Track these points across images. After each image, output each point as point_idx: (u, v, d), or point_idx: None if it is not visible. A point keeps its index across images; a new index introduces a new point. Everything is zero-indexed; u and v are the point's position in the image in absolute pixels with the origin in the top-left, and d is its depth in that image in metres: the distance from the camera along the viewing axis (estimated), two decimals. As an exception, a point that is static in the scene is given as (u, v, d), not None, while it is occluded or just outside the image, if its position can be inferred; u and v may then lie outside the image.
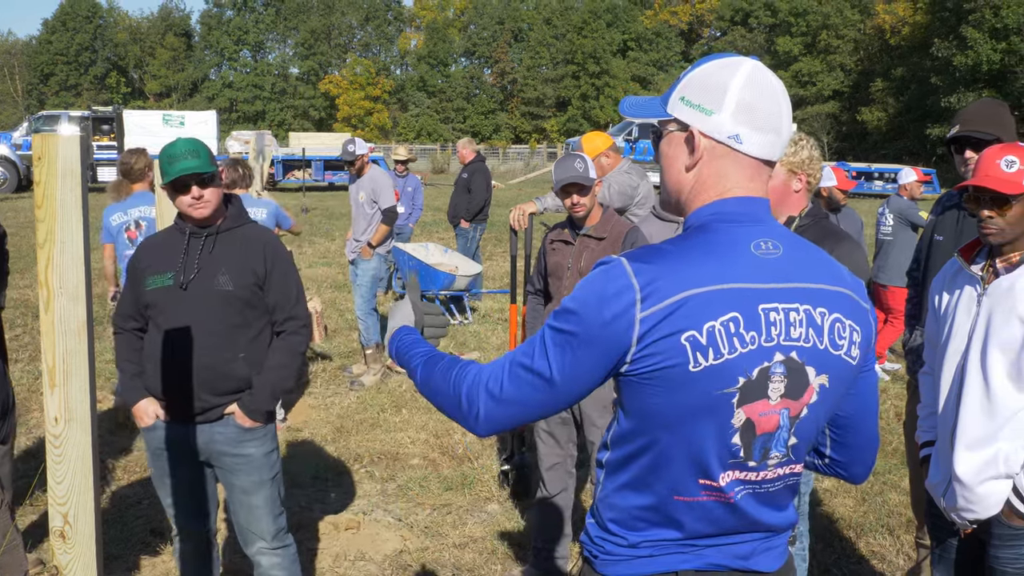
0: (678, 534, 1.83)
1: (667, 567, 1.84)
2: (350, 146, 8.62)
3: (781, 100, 1.84)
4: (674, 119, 1.90)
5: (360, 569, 4.91)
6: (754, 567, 1.88)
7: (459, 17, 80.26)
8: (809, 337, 1.80)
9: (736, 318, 1.72)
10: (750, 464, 1.81)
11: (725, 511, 1.82)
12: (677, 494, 1.80)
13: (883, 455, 6.80)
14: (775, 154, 1.86)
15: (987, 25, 46.89)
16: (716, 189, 1.85)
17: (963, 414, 3.05)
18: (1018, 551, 3.01)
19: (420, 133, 71.25)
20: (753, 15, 70.41)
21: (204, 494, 3.88)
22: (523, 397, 1.81)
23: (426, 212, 18.06)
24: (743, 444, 1.78)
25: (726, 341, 1.71)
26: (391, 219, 8.61)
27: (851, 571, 4.99)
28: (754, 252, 1.78)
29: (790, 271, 1.80)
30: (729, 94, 1.81)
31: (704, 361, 1.70)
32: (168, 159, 3.56)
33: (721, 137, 1.83)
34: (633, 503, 1.83)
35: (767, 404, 1.78)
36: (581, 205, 4.56)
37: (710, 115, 1.83)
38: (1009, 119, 3.96)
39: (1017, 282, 2.94)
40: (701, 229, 1.83)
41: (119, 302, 3.85)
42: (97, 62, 76.90)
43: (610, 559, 1.87)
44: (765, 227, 1.83)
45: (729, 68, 1.83)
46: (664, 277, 1.72)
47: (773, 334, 1.76)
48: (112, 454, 6.49)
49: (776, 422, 1.81)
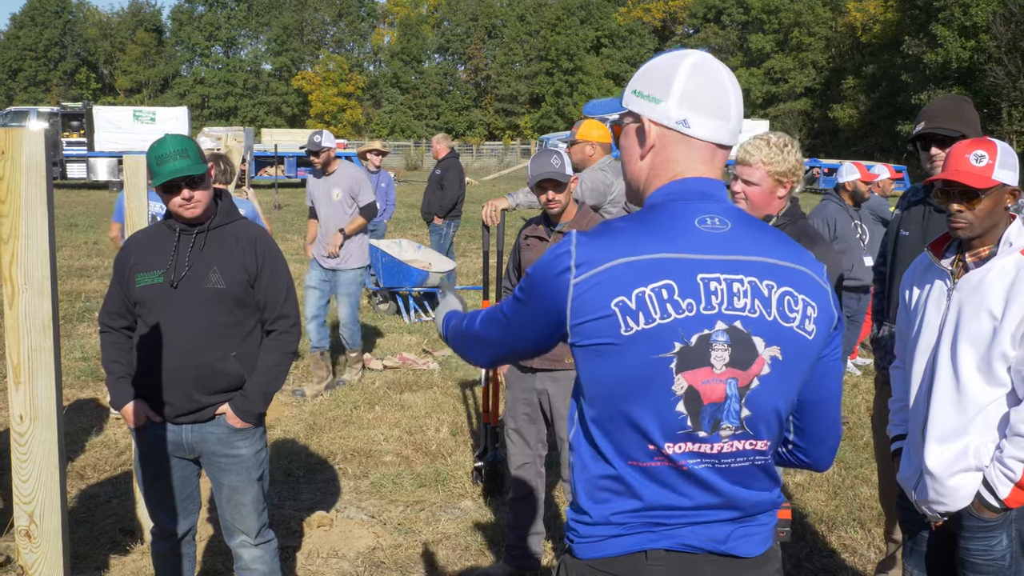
0: (638, 503, 1.84)
1: (636, 546, 1.85)
2: (316, 137, 8.07)
3: (728, 87, 1.92)
4: (628, 111, 1.99)
5: (333, 566, 4.88)
6: (732, 551, 1.87)
7: (432, 13, 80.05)
8: (755, 308, 1.83)
9: (670, 285, 1.78)
10: (700, 435, 1.82)
11: (682, 480, 1.83)
12: (631, 459, 1.83)
13: (854, 449, 6.85)
14: (725, 139, 1.93)
15: (956, 23, 47.41)
16: (669, 173, 1.93)
17: (934, 408, 3.07)
18: (988, 543, 3.04)
19: (394, 130, 71.00)
20: (726, 12, 70.77)
21: (191, 494, 3.86)
22: (490, 335, 2.07)
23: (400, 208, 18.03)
24: (689, 413, 1.81)
25: (657, 307, 1.77)
26: (370, 214, 8.25)
27: (823, 564, 5.02)
28: (698, 227, 1.85)
29: (736, 245, 1.85)
30: (675, 82, 1.90)
31: (635, 325, 1.77)
32: (157, 159, 3.50)
33: (669, 123, 1.91)
34: (594, 472, 1.87)
35: (710, 372, 1.80)
36: (556, 201, 4.56)
37: (658, 103, 1.92)
38: (973, 115, 3.99)
39: (987, 276, 2.97)
40: (651, 208, 1.92)
41: (106, 300, 3.79)
42: (67, 57, 76.12)
43: (584, 542, 1.90)
44: (714, 205, 1.89)
45: (676, 59, 1.94)
46: (601, 249, 1.82)
47: (714, 303, 1.80)
48: (81, 452, 6.42)
49: (723, 391, 1.82)
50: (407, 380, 8.60)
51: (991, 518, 3.01)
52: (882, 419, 4.11)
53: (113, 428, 6.92)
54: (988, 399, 2.98)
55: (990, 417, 2.99)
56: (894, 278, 4.25)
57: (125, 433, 6.58)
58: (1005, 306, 2.90)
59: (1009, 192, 3.00)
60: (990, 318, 2.93)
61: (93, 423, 7.01)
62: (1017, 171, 3.01)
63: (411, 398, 7.99)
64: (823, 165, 34.53)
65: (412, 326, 10.95)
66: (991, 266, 2.97)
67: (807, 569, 4.93)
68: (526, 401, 4.72)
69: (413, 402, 7.85)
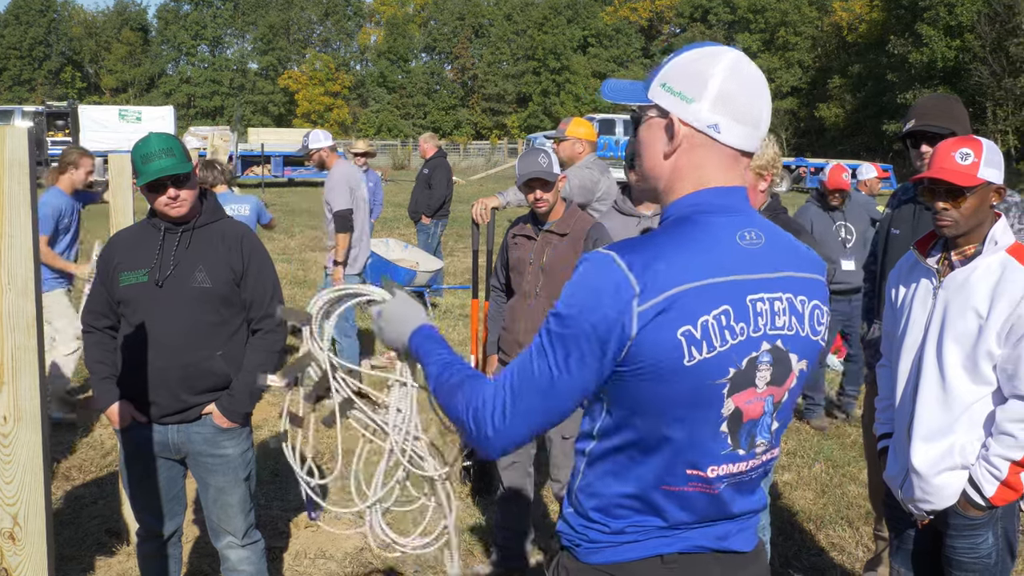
0: (661, 522, 1.83)
1: (651, 551, 1.84)
2: (304, 139, 7.92)
3: (762, 92, 1.84)
4: (655, 105, 1.88)
5: (320, 567, 4.87)
6: (731, 547, 1.90)
7: (419, 12, 79.87)
8: (792, 325, 1.84)
9: (728, 311, 1.73)
10: (739, 453, 1.83)
11: (707, 501, 1.84)
12: (664, 484, 1.80)
13: (842, 448, 6.87)
14: (752, 146, 1.85)
15: (942, 22, 47.60)
16: (694, 179, 1.85)
17: (919, 406, 3.08)
18: (973, 541, 3.05)
19: (380, 129, 70.78)
20: (712, 12, 70.83)
21: (177, 495, 3.84)
22: (530, 405, 1.77)
23: (387, 208, 17.96)
24: (730, 432, 1.80)
25: (718, 334, 1.72)
26: (343, 224, 7.56)
27: (811, 563, 5.02)
28: (740, 243, 1.80)
29: (773, 260, 1.83)
30: (710, 83, 1.80)
31: (698, 355, 1.71)
32: (143, 158, 3.48)
33: (700, 126, 1.82)
34: (616, 491, 1.83)
35: (754, 392, 1.80)
36: (544, 200, 4.55)
37: (690, 103, 1.82)
38: (963, 113, 4.01)
39: (972, 275, 2.98)
40: (684, 221, 1.82)
41: (89, 299, 3.76)
42: (51, 57, 75.63)
43: (594, 547, 1.87)
44: (746, 217, 1.84)
45: (712, 57, 1.83)
46: (658, 271, 1.71)
47: (760, 324, 1.78)
48: (67, 453, 6.39)
49: (761, 409, 1.83)
50: (394, 380, 8.54)
51: (977, 516, 3.02)
52: (871, 418, 4.11)
53: (99, 429, 6.88)
54: (974, 397, 2.99)
55: (976, 415, 3.00)
56: (884, 277, 4.26)
57: (111, 434, 6.54)
58: (990, 304, 2.91)
59: (994, 190, 3.01)
60: (976, 316, 2.94)
61: (79, 424, 6.96)
62: (1002, 169, 3.02)
63: (398, 398, 7.94)
64: (809, 164, 34.58)
65: (399, 326, 10.90)
66: (976, 264, 2.98)
67: (795, 567, 4.93)
68: (514, 400, 4.71)
69: (400, 402, 7.81)
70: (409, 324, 2.15)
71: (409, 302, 2.23)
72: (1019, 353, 2.87)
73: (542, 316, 4.43)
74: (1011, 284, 2.89)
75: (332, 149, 7.82)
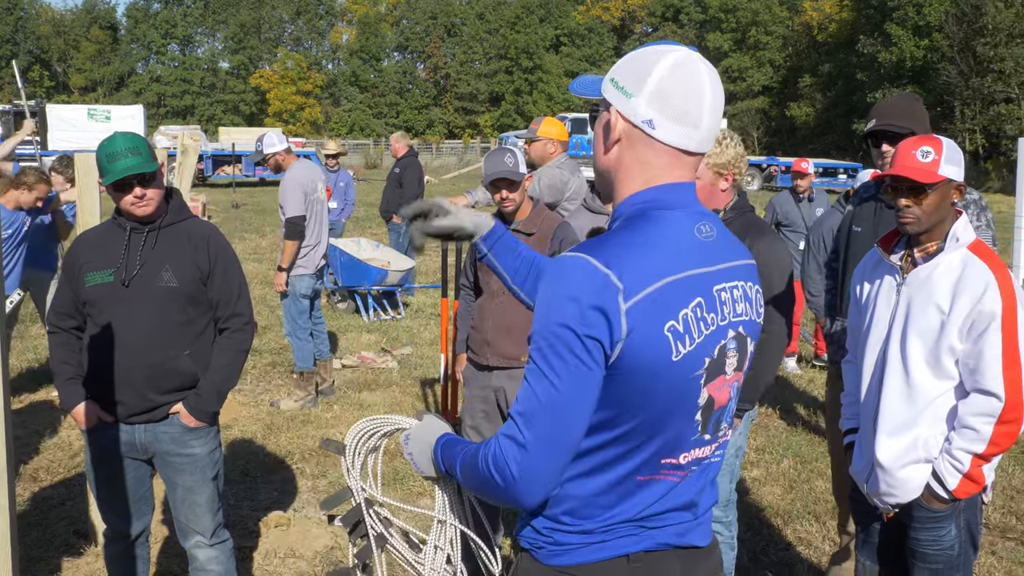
0: (631, 514, 1.83)
1: (618, 551, 1.84)
2: (259, 143, 7.52)
3: (706, 94, 1.80)
4: (604, 99, 1.90)
5: (290, 566, 4.85)
6: (691, 542, 1.92)
7: (391, 12, 79.70)
8: (747, 311, 1.90)
9: (701, 303, 1.77)
10: (705, 438, 1.87)
11: (674, 487, 1.86)
12: (640, 474, 1.81)
13: (810, 444, 6.92)
14: (693, 146, 1.83)
15: (911, 22, 48.10)
16: (641, 176, 1.85)
17: (884, 401, 3.12)
18: (937, 533, 3.09)
19: (353, 128, 70.60)
20: (684, 11, 71.24)
21: (144, 495, 3.82)
22: (545, 431, 1.71)
23: (358, 207, 17.93)
24: (702, 420, 1.84)
25: (696, 326, 1.76)
26: (293, 232, 7.20)
27: (779, 558, 5.06)
28: (698, 236, 1.82)
29: (725, 251, 1.87)
30: (649, 80, 1.80)
31: (683, 349, 1.74)
32: (108, 157, 3.45)
33: (636, 120, 1.82)
34: (590, 490, 1.81)
35: (724, 379, 1.85)
36: (510, 200, 4.56)
37: (629, 97, 1.82)
38: (923, 112, 4.06)
39: (934, 271, 3.02)
40: (640, 217, 1.82)
41: (54, 300, 3.73)
42: (19, 55, 74.84)
43: (559, 549, 1.85)
44: (697, 211, 1.87)
45: (658, 54, 1.82)
46: (635, 268, 1.70)
47: (726, 312, 1.83)
48: (34, 454, 6.33)
49: (728, 395, 1.88)
50: (366, 379, 8.56)
51: (940, 509, 3.06)
52: (835, 413, 4.16)
53: (67, 430, 6.83)
54: (937, 392, 3.03)
55: (939, 410, 3.05)
56: (846, 273, 4.30)
57: (79, 435, 6.49)
58: (952, 300, 2.95)
59: (955, 188, 3.05)
60: (938, 312, 2.98)
61: (46, 425, 6.91)
62: (963, 167, 3.06)
63: (370, 397, 7.96)
64: (780, 163, 34.83)
65: (371, 325, 10.90)
66: (939, 261, 3.02)
67: (763, 563, 4.97)
68: (483, 399, 4.71)
69: (372, 401, 7.82)
70: (432, 442, 2.10)
71: (431, 423, 2.16)
72: (980, 348, 2.91)
73: (510, 314, 4.44)
74: (972, 280, 2.93)
75: (287, 151, 7.50)
